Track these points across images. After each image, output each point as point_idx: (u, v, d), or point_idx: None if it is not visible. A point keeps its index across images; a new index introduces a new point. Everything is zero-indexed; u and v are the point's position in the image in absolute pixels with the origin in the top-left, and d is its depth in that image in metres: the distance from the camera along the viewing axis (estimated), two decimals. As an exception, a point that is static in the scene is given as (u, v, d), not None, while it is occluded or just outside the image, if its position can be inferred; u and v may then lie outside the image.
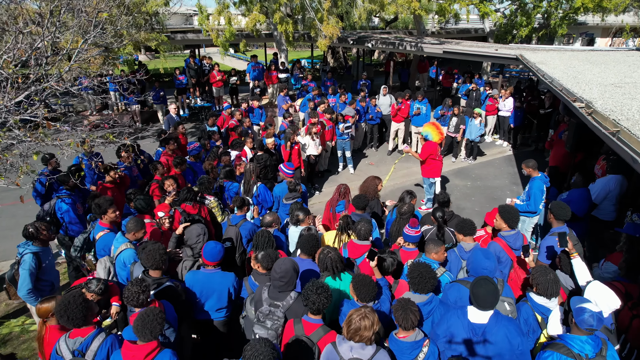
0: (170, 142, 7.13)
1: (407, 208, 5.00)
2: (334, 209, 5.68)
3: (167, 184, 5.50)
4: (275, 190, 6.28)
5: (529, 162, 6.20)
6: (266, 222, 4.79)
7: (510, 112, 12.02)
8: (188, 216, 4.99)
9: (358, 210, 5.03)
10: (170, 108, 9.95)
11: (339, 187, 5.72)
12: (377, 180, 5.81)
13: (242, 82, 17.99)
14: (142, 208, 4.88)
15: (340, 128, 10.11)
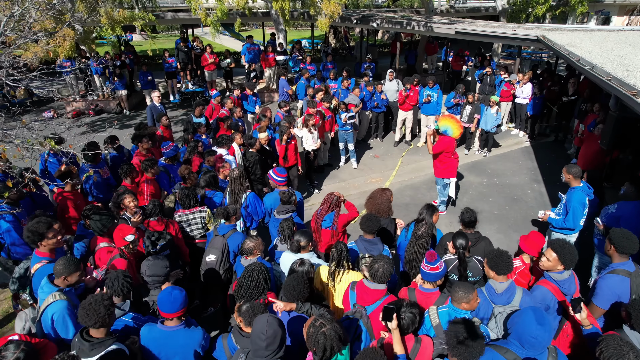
0: (144, 140, 6.15)
1: (425, 231, 4.07)
2: (319, 223, 4.78)
3: (127, 201, 4.56)
4: (266, 200, 5.37)
5: (571, 168, 5.22)
6: (246, 248, 3.89)
7: (529, 99, 10.96)
8: (152, 235, 4.08)
9: (368, 235, 4.12)
10: (153, 96, 8.95)
11: (329, 198, 4.79)
12: (387, 192, 4.87)
13: (238, 64, 16.84)
14: (96, 230, 3.98)
15: (342, 118, 9.10)
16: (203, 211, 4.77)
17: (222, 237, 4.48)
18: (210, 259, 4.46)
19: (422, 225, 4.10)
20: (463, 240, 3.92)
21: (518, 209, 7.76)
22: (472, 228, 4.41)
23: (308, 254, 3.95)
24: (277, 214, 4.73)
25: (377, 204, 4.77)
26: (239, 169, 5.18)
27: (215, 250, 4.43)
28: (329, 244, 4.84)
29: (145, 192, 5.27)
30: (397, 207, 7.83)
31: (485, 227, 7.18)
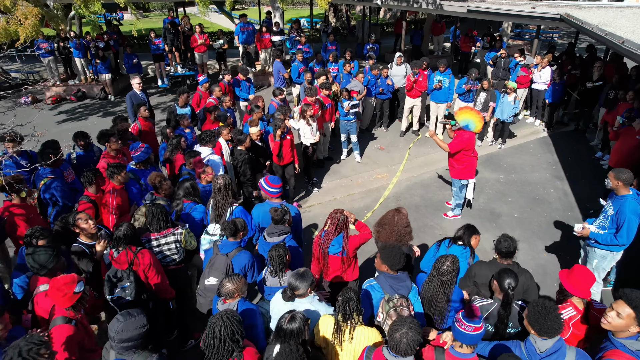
0: (111, 139, 5.24)
1: (451, 265, 3.21)
2: (325, 248, 3.93)
3: (81, 222, 3.69)
4: (254, 214, 4.51)
5: (621, 173, 4.32)
6: (225, 292, 3.06)
7: (547, 84, 9.99)
8: (113, 277, 3.25)
9: (391, 271, 3.28)
10: (133, 82, 7.99)
11: (335, 218, 3.88)
12: (402, 213, 4.01)
13: (232, 45, 15.73)
14: (33, 269, 3.12)
15: (344, 107, 8.18)
16: (177, 233, 3.92)
17: (225, 257, 3.73)
18: (210, 283, 3.72)
19: (447, 258, 3.24)
20: (513, 280, 3.07)
21: (541, 211, 6.93)
22: (510, 259, 3.58)
23: (307, 299, 3.11)
24: (268, 236, 3.89)
25: (395, 232, 3.91)
26: (223, 178, 4.31)
27: (217, 272, 3.70)
28: (338, 274, 4.03)
29: (110, 204, 4.41)
30: (406, 209, 6.98)
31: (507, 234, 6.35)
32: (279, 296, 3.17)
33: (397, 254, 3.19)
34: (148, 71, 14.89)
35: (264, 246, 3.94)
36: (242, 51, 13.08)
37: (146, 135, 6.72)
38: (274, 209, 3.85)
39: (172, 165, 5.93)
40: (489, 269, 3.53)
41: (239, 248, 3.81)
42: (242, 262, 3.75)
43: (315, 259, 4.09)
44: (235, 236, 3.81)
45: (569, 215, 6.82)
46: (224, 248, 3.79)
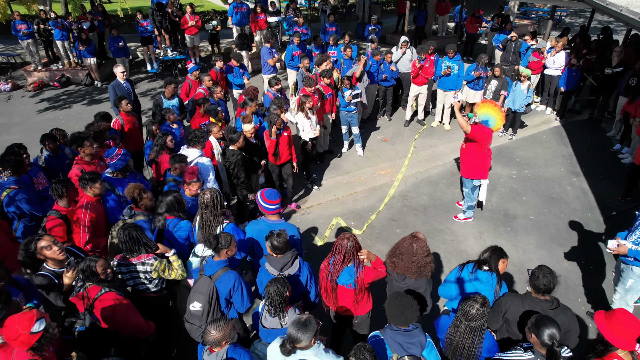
0: (85, 144, 4.62)
1: (481, 310, 2.70)
2: (333, 279, 3.42)
3: (45, 248, 3.14)
4: (248, 231, 3.97)
5: None
6: (210, 340, 2.56)
7: (562, 70, 9.35)
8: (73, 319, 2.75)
9: (400, 325, 2.75)
10: (117, 71, 7.31)
11: (342, 245, 3.33)
12: (420, 241, 3.43)
13: (225, 26, 14.90)
14: None
15: (346, 96, 7.56)
16: (147, 263, 3.36)
17: (208, 279, 3.25)
18: (194, 308, 3.25)
19: (476, 300, 2.73)
20: (556, 331, 2.56)
21: (559, 212, 6.43)
22: (548, 294, 3.08)
23: (311, 350, 2.61)
24: (268, 266, 3.35)
25: (415, 262, 3.36)
26: (211, 193, 3.75)
27: (199, 296, 3.23)
28: (349, 307, 3.52)
29: (82, 220, 3.86)
30: (413, 210, 6.51)
31: (523, 239, 5.88)
32: (276, 349, 2.66)
33: (407, 309, 2.66)
34: (137, 54, 14.09)
35: (263, 275, 3.40)
36: (237, 33, 12.29)
37: (129, 132, 6.13)
38: (277, 235, 3.26)
39: (157, 167, 5.37)
40: (522, 305, 3.04)
41: (224, 268, 3.30)
42: (227, 285, 3.26)
43: (322, 289, 3.58)
44: (218, 253, 3.30)
45: (588, 217, 6.32)
46: (208, 269, 3.29)
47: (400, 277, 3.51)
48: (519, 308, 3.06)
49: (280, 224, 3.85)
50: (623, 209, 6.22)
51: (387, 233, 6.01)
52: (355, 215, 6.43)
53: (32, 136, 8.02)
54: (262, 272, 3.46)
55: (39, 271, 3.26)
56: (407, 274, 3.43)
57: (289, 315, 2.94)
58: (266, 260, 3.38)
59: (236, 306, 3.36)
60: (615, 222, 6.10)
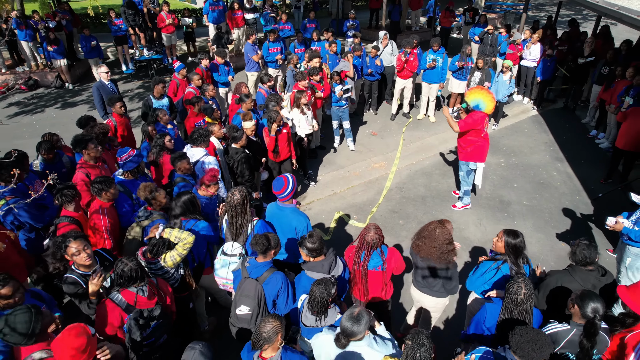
0: (90, 146, 4.43)
1: (527, 292, 2.77)
2: (363, 267, 3.44)
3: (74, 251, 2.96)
4: (269, 215, 3.97)
5: None
6: (265, 335, 2.51)
7: (537, 61, 9.74)
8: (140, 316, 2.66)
9: None
10: (100, 71, 7.02)
11: (367, 236, 3.38)
12: (445, 227, 3.48)
13: (200, 24, 14.56)
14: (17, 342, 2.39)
15: (336, 92, 7.58)
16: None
17: (255, 282, 3.19)
18: (242, 312, 3.20)
19: (520, 285, 2.79)
20: (599, 305, 2.67)
21: (549, 197, 6.71)
22: (591, 265, 3.22)
23: (364, 340, 2.61)
24: (308, 270, 3.32)
25: (437, 247, 3.41)
26: (240, 192, 3.65)
27: (247, 300, 3.18)
28: (377, 293, 3.59)
29: (101, 226, 3.69)
30: (412, 201, 6.61)
31: (520, 224, 6.11)
32: (328, 341, 2.65)
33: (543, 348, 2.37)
34: (108, 54, 13.54)
35: (303, 279, 3.35)
36: (215, 32, 12.02)
37: (123, 134, 5.89)
38: (308, 237, 3.20)
39: (158, 168, 5.19)
40: (574, 280, 3.23)
41: (271, 269, 3.25)
42: (275, 287, 3.22)
43: (352, 280, 3.60)
44: (265, 254, 3.24)
45: (577, 199, 6.64)
46: (254, 271, 3.23)
47: (424, 261, 3.58)
48: (571, 283, 3.21)
49: (289, 207, 3.90)
50: (607, 191, 6.56)
51: (391, 225, 6.09)
52: (356, 209, 6.47)
53: (6, 144, 7.62)
54: (302, 279, 3.38)
55: (66, 274, 3.10)
56: (431, 258, 3.50)
57: (329, 315, 2.92)
58: (306, 271, 3.32)
59: (279, 307, 3.30)
60: (602, 203, 6.46)
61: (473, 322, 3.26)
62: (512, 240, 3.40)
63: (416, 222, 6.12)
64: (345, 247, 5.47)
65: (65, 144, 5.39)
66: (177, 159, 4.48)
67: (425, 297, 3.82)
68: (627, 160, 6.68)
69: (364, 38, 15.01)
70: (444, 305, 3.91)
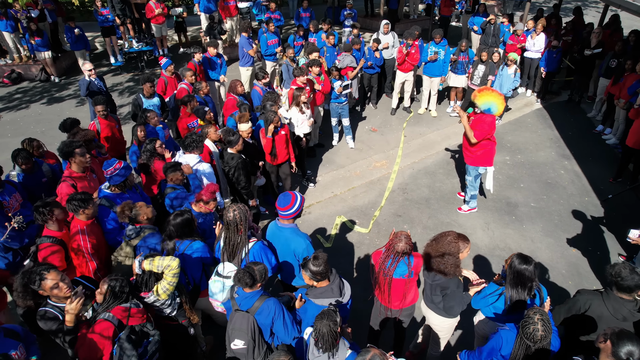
0: (76, 153, 4.05)
1: (545, 329, 2.49)
2: (389, 274, 3.24)
3: (50, 285, 2.65)
4: (268, 234, 3.66)
5: None
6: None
7: (542, 53, 9.42)
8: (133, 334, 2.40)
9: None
10: (84, 69, 6.60)
11: (398, 246, 3.18)
12: (458, 244, 3.22)
13: (191, 13, 14.01)
14: None
15: (336, 88, 7.23)
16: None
17: (246, 314, 2.93)
18: (237, 347, 2.95)
19: (536, 321, 2.52)
20: (637, 348, 2.41)
21: (558, 198, 6.47)
22: (633, 293, 2.96)
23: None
24: (316, 299, 3.04)
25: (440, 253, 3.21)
26: (234, 210, 3.33)
27: (240, 334, 2.93)
28: (401, 299, 3.44)
29: (84, 247, 3.36)
30: (416, 204, 6.35)
31: (529, 227, 5.87)
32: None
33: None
34: (96, 45, 13.00)
35: (310, 308, 3.06)
36: (205, 21, 11.53)
37: (108, 138, 5.53)
38: (312, 260, 2.92)
39: (149, 176, 4.86)
40: (604, 306, 3.00)
41: (261, 298, 2.96)
42: (269, 315, 2.93)
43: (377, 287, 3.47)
44: (252, 287, 2.96)
45: (586, 201, 6.40)
46: (243, 302, 2.95)
47: (430, 275, 3.38)
48: (600, 308, 2.97)
49: (288, 228, 3.58)
50: (618, 192, 6.33)
51: (395, 229, 5.81)
52: (358, 213, 6.19)
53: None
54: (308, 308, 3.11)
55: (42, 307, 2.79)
56: (432, 265, 3.29)
57: (339, 350, 2.65)
58: (313, 299, 3.04)
59: (279, 335, 3.03)
60: (612, 205, 6.23)
61: (486, 350, 3.01)
62: (517, 265, 3.05)
63: (421, 226, 5.86)
64: (348, 255, 5.24)
65: (47, 150, 5.02)
66: (170, 169, 4.14)
67: (431, 313, 3.62)
68: (638, 160, 6.44)
69: (360, 27, 14.58)
70: (451, 326, 3.67)
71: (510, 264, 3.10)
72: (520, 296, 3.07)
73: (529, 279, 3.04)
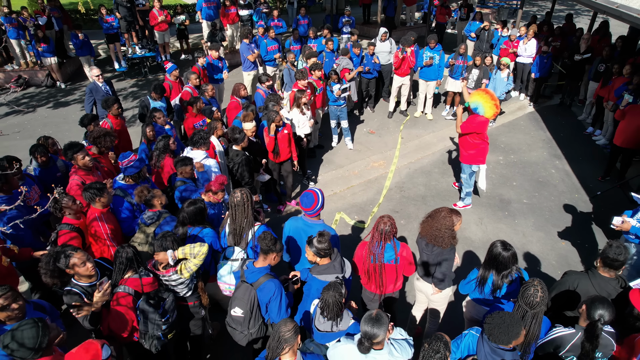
0: (79, 154, 4.27)
1: (543, 295, 2.75)
2: (380, 259, 3.45)
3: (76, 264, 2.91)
4: (286, 228, 3.89)
5: None
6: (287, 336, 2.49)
7: (533, 58, 9.75)
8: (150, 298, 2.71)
9: (504, 344, 2.57)
10: (92, 74, 6.87)
11: (382, 226, 3.39)
12: (450, 217, 3.48)
13: (193, 20, 14.36)
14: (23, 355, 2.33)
15: (334, 91, 7.51)
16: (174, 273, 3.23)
17: (249, 287, 3.16)
18: (236, 314, 3.21)
19: (536, 287, 2.76)
20: (607, 312, 2.68)
21: (548, 195, 6.73)
22: (615, 271, 3.21)
23: (385, 349, 2.60)
24: (318, 275, 3.28)
25: (435, 228, 3.46)
26: (241, 192, 3.62)
27: (240, 303, 3.18)
28: (392, 284, 3.64)
29: (102, 233, 3.61)
30: (413, 201, 6.61)
31: (521, 222, 6.13)
32: (348, 351, 2.62)
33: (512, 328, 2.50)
34: (99, 52, 13.30)
35: (314, 283, 3.31)
36: (207, 28, 11.85)
37: (119, 136, 5.78)
38: (318, 237, 3.17)
39: (157, 172, 5.10)
40: (592, 285, 3.21)
41: (266, 276, 3.19)
42: (268, 294, 3.16)
43: (363, 274, 3.62)
44: (266, 255, 3.19)
45: (576, 197, 6.67)
46: (250, 276, 3.19)
47: (423, 241, 3.64)
48: (587, 287, 3.20)
49: (317, 224, 3.78)
50: (606, 189, 6.60)
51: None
52: (357, 209, 6.44)
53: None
54: (312, 284, 3.34)
55: (67, 287, 3.02)
56: (426, 237, 3.55)
57: (343, 320, 2.89)
58: (316, 275, 3.27)
59: (271, 315, 3.25)
60: (601, 201, 6.50)
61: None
62: (494, 249, 3.24)
63: (418, 222, 5.98)
64: (347, 248, 5.45)
65: (60, 148, 5.28)
66: (180, 162, 4.39)
67: (425, 285, 3.86)
68: (625, 158, 6.72)
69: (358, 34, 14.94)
70: (447, 296, 3.90)
71: (490, 246, 3.33)
72: (497, 280, 3.27)
73: (502, 264, 3.21)
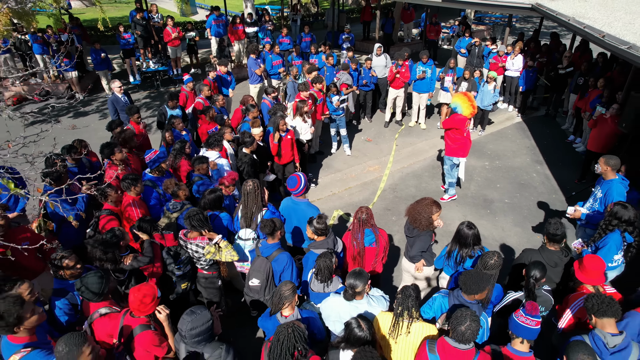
0: (116, 151, 5.05)
1: (498, 260, 3.46)
2: (360, 242, 4.07)
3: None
4: (283, 208, 4.67)
5: (610, 159, 4.75)
6: (286, 294, 3.17)
7: (520, 72, 10.50)
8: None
9: (468, 296, 3.21)
10: (114, 86, 7.64)
11: (359, 214, 4.04)
12: (433, 207, 4.13)
13: (202, 36, 15.26)
14: (90, 297, 3.07)
15: (334, 102, 8.25)
16: (199, 246, 3.87)
17: (265, 260, 3.84)
18: (253, 284, 3.88)
19: (494, 253, 3.48)
20: (538, 272, 3.39)
21: (528, 195, 7.38)
22: (559, 244, 3.87)
23: (365, 299, 3.27)
24: (314, 249, 3.95)
25: (416, 212, 4.12)
26: (253, 181, 4.35)
27: (257, 274, 3.86)
28: (374, 267, 4.23)
29: (134, 217, 4.30)
30: (404, 200, 7.26)
31: (501, 219, 6.76)
32: (336, 302, 3.28)
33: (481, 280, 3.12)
34: (114, 66, 14.15)
35: (311, 256, 3.96)
36: (215, 44, 12.71)
37: (140, 140, 6.51)
38: (317, 219, 3.87)
39: (174, 172, 5.80)
40: (542, 258, 3.85)
41: (278, 250, 3.90)
42: (281, 264, 3.85)
43: (350, 258, 4.23)
44: (273, 235, 3.86)
45: (553, 198, 7.31)
46: (265, 251, 3.89)
47: (410, 227, 4.27)
48: (538, 259, 3.82)
49: (303, 202, 4.54)
50: (580, 190, 7.25)
51: (384, 221, 6.73)
52: (353, 207, 7.10)
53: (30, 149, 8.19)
54: (309, 256, 4.00)
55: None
56: (409, 219, 4.20)
57: (333, 283, 3.55)
58: (312, 249, 3.94)
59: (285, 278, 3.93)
60: (575, 200, 7.10)
61: None
62: (460, 226, 3.89)
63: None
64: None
65: (90, 150, 6.01)
66: (197, 160, 5.12)
67: (409, 264, 4.47)
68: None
69: (357, 50, 15.78)
70: (429, 273, 4.48)
71: (458, 225, 3.99)
72: (461, 253, 3.91)
73: (464, 238, 3.85)
